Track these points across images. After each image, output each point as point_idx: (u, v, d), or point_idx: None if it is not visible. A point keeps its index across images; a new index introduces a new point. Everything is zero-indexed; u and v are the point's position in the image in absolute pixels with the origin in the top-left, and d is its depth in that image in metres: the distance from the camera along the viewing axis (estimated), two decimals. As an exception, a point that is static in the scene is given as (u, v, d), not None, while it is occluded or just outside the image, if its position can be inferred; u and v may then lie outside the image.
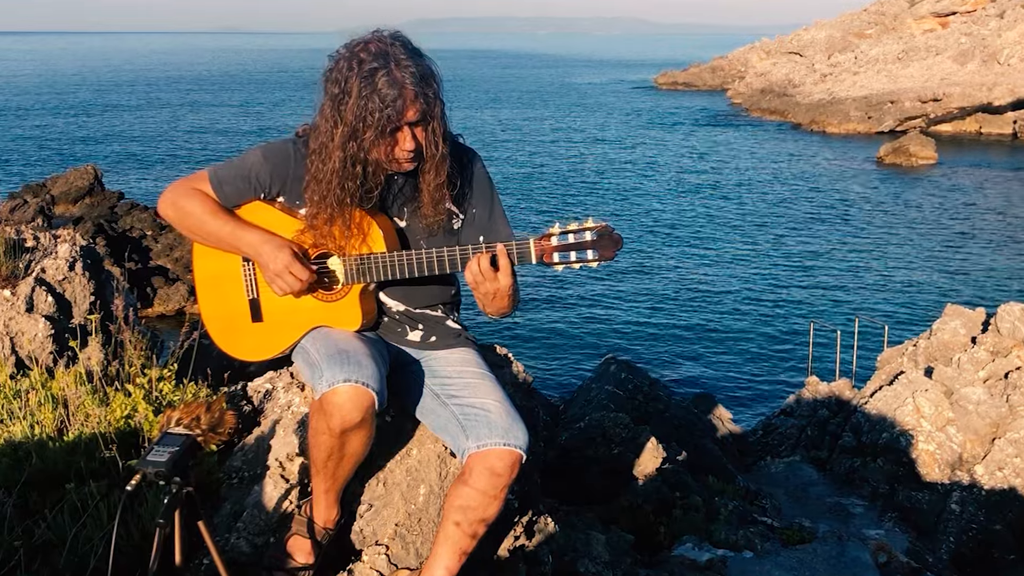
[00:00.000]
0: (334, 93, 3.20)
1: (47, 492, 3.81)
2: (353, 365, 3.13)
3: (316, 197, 3.30)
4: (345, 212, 3.30)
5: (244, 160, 3.48)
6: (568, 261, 3.17)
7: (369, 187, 3.32)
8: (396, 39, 3.21)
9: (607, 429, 7.23)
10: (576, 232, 3.15)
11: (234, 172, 3.46)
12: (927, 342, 11.15)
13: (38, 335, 5.54)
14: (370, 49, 3.16)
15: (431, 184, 3.34)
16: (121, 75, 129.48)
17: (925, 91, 57.69)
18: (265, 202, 3.49)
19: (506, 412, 3.29)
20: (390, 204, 3.47)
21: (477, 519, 3.25)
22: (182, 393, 4.47)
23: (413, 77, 3.13)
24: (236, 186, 3.45)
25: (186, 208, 3.46)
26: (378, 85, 3.11)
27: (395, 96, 3.11)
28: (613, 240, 3.14)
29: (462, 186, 3.48)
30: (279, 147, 3.47)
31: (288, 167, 3.43)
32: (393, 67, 3.12)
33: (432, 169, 3.32)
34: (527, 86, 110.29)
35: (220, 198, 3.46)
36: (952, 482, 8.42)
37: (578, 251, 3.16)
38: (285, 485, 3.72)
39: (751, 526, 6.57)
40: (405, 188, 3.45)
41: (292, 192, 3.45)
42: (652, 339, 22.12)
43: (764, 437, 11.07)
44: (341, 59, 3.21)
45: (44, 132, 61.17)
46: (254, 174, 3.44)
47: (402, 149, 3.22)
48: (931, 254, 29.64)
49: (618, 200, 38.74)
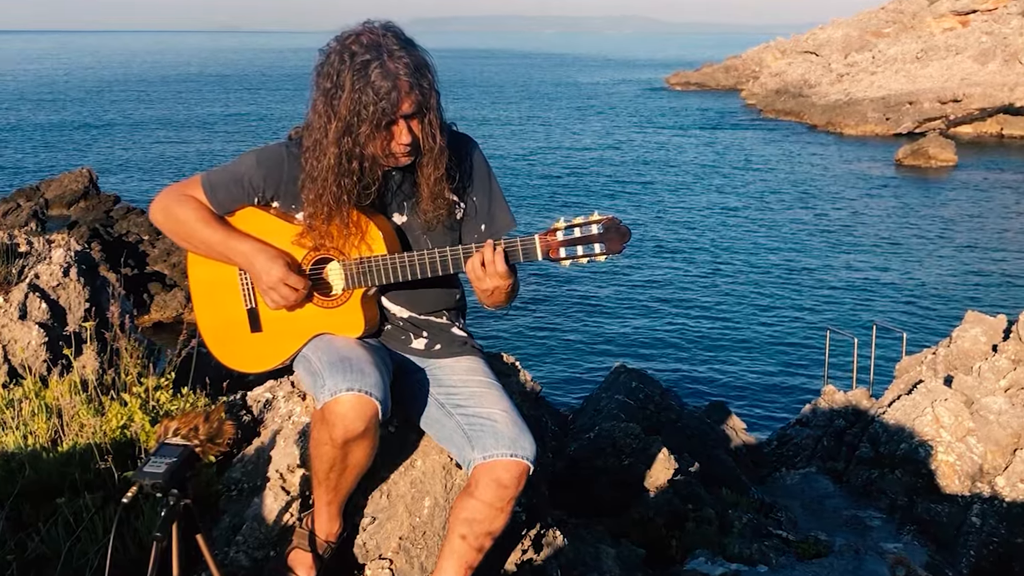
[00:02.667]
0: (326, 88, 3.19)
1: (40, 504, 3.82)
2: (356, 373, 3.13)
3: (312, 196, 3.29)
4: (343, 210, 3.29)
5: (237, 165, 3.46)
6: (575, 256, 3.15)
7: (366, 183, 3.31)
8: (388, 29, 3.20)
9: (617, 439, 7.21)
10: (582, 226, 3.14)
11: (227, 177, 3.45)
12: (947, 350, 11.12)
13: (31, 343, 5.55)
14: (362, 41, 3.15)
15: (430, 178, 3.34)
16: (115, 74, 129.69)
17: (945, 92, 57.62)
18: (259, 208, 3.48)
19: (513, 422, 3.28)
20: (389, 201, 3.47)
21: (483, 532, 3.24)
22: (180, 402, 4.48)
23: (407, 68, 3.13)
24: (229, 191, 3.44)
25: (178, 215, 3.45)
26: (372, 77, 3.10)
27: (389, 88, 3.10)
28: (620, 233, 3.13)
29: (461, 176, 3.47)
30: (272, 151, 3.46)
31: (282, 170, 3.42)
32: (386, 58, 3.11)
33: (430, 163, 3.31)
34: (532, 86, 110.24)
35: (213, 204, 3.45)
36: (972, 494, 8.39)
37: (584, 245, 3.14)
38: (286, 497, 3.72)
39: (765, 539, 6.55)
40: (404, 184, 3.45)
41: (287, 196, 3.44)
42: (664, 347, 22.08)
43: (779, 448, 11.04)
44: (332, 52, 3.20)
45: (37, 134, 61.20)
46: (247, 179, 3.42)
47: (398, 143, 3.21)
48: (951, 259, 29.57)
49: (629, 204, 38.68)
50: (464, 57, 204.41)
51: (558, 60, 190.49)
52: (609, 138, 59.99)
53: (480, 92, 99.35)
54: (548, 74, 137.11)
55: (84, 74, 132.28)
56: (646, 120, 69.80)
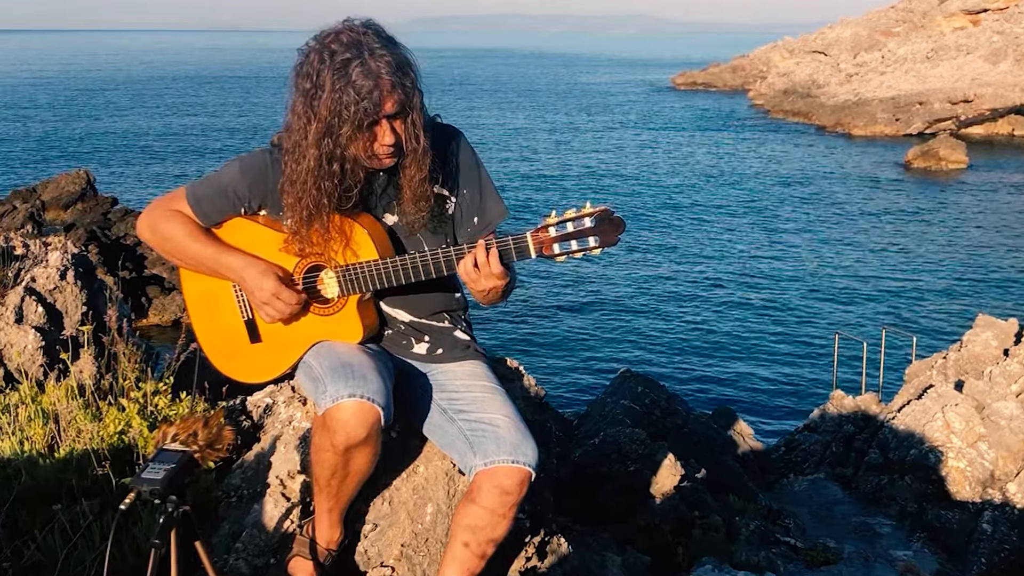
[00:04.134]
0: (306, 88, 3.15)
1: (37, 511, 3.82)
2: (358, 379, 3.13)
3: (291, 200, 3.27)
4: (323, 214, 3.26)
5: (221, 176, 3.45)
6: (569, 251, 3.11)
7: (348, 186, 3.28)
8: (368, 27, 3.17)
9: (623, 445, 7.21)
10: (574, 220, 3.09)
11: (212, 189, 3.43)
12: (957, 354, 11.10)
13: (28, 347, 5.55)
14: (341, 39, 3.12)
15: (413, 179, 3.31)
16: (113, 74, 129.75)
17: (955, 92, 57.57)
18: (247, 218, 3.46)
19: (515, 427, 3.28)
20: (374, 203, 3.45)
21: (486, 539, 3.24)
22: (178, 408, 4.48)
23: (389, 67, 3.09)
24: (215, 203, 3.43)
25: (165, 232, 3.44)
26: (352, 77, 3.06)
27: (371, 87, 3.07)
28: (614, 223, 3.08)
29: (450, 170, 3.45)
30: (255, 158, 3.44)
31: (267, 178, 3.39)
32: (367, 57, 3.08)
33: (413, 164, 3.28)
34: (534, 87, 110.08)
35: (199, 216, 3.43)
36: (984, 501, 8.38)
37: (578, 239, 3.10)
38: (286, 504, 3.73)
39: (773, 547, 6.55)
40: (388, 188, 3.42)
41: (274, 204, 3.42)
42: (670, 351, 22.06)
43: (787, 454, 11.03)
44: (311, 52, 3.17)
45: (33, 134, 61.25)
46: (232, 189, 3.41)
47: (381, 144, 3.19)
48: (961, 262, 29.55)
49: (634, 206, 38.66)
50: (463, 56, 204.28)
51: (560, 60, 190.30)
52: (613, 139, 59.94)
53: (480, 92, 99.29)
54: (550, 74, 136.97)
55: (81, 73, 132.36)
56: (651, 121, 69.72)
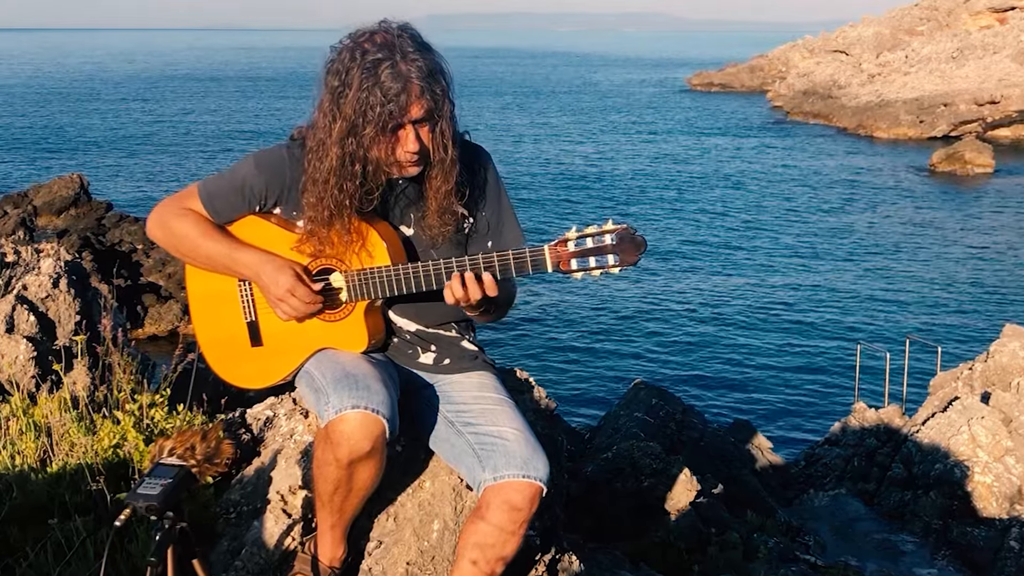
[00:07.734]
0: (334, 86, 3.17)
1: (29, 528, 3.82)
2: (362, 390, 3.12)
3: (312, 199, 3.27)
4: (344, 215, 3.26)
5: (235, 172, 3.44)
6: (587, 268, 3.11)
7: (369, 188, 3.28)
8: (404, 31, 3.18)
9: (636, 459, 7.21)
10: (594, 236, 3.09)
11: (225, 186, 3.43)
12: (984, 365, 11.09)
13: (19, 357, 5.56)
14: (375, 40, 3.14)
15: (439, 191, 3.31)
16: (111, 74, 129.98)
17: (981, 93, 57.48)
18: (260, 216, 3.46)
19: (525, 441, 3.27)
20: (392, 208, 3.44)
21: (495, 557, 3.22)
22: (175, 421, 4.48)
23: (420, 71, 3.10)
24: (228, 200, 3.42)
25: (177, 231, 3.44)
26: (381, 77, 3.08)
27: (399, 90, 3.08)
28: (635, 243, 3.08)
29: (473, 189, 3.45)
30: (272, 154, 3.44)
31: (284, 174, 3.40)
32: (399, 59, 3.09)
33: (439, 175, 3.29)
34: (546, 86, 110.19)
35: (211, 214, 3.43)
36: (1011, 517, 8.37)
37: (597, 256, 3.09)
38: (287, 520, 3.72)
39: (792, 564, 6.55)
40: (409, 192, 3.42)
41: (290, 200, 3.42)
42: (685, 362, 22.03)
43: (807, 468, 11.03)
44: (344, 50, 3.19)
45: (25, 137, 61.34)
46: (247, 186, 3.41)
47: (405, 150, 3.19)
48: (988, 270, 29.49)
49: (648, 211, 38.66)
50: (475, 56, 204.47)
51: (573, 59, 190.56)
52: (626, 143, 59.90)
53: (491, 92, 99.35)
54: (563, 73, 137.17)
55: (73, 74, 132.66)
56: (666, 124, 69.71)
